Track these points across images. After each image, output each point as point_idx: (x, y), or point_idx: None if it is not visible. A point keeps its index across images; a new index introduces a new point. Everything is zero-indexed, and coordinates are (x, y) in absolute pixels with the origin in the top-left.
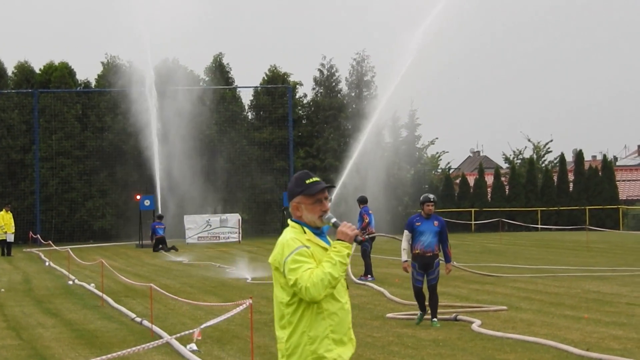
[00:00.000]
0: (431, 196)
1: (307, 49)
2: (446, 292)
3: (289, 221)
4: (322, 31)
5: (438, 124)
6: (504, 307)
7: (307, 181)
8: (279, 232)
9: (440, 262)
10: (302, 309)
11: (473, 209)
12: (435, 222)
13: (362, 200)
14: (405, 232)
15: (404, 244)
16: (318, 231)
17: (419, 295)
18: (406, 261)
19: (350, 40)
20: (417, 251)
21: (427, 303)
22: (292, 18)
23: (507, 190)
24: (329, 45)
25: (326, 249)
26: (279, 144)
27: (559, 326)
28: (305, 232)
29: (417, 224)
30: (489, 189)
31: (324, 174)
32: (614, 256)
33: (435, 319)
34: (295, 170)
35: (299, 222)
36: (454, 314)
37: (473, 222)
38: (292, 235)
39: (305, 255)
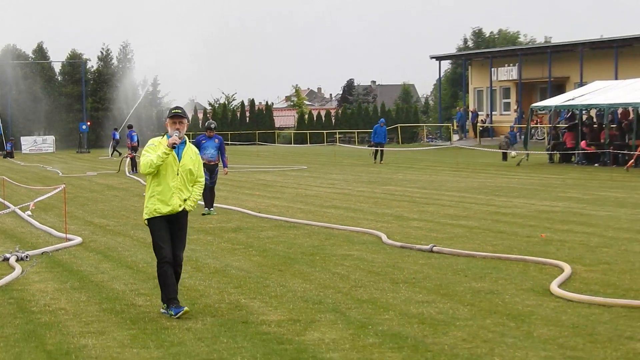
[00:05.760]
0: (213, 125)
1: None
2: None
3: None
4: None
5: None
6: None
7: (173, 111)
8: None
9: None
10: (150, 178)
11: None
12: (216, 140)
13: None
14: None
15: None
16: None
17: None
18: None
19: None
20: (203, 161)
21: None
22: None
23: None
24: None
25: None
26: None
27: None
28: (162, 137)
29: (203, 141)
30: None
31: None
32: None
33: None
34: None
35: (166, 133)
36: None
37: None
38: (155, 138)
39: (150, 148)
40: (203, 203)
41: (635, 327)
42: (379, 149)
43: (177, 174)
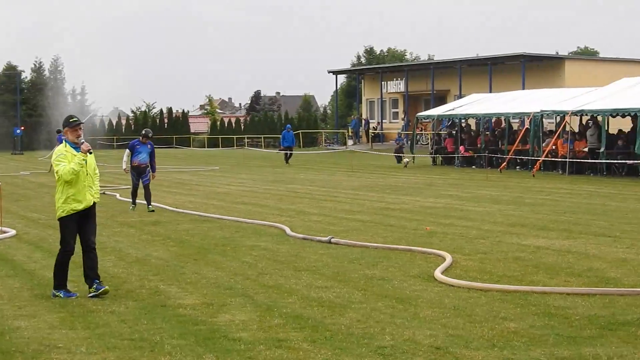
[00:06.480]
0: (150, 134)
1: None
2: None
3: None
4: None
5: None
6: None
7: (71, 120)
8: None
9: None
10: (62, 183)
11: None
12: (149, 145)
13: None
14: (127, 150)
15: (125, 158)
16: (75, 146)
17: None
18: (125, 168)
19: None
20: (135, 164)
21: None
22: None
23: None
24: None
25: (75, 155)
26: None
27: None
28: (65, 145)
29: (137, 146)
30: None
31: None
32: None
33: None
34: None
35: (66, 141)
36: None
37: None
38: (59, 147)
39: (62, 157)
40: (145, 202)
41: (509, 309)
42: (288, 152)
43: (87, 174)
